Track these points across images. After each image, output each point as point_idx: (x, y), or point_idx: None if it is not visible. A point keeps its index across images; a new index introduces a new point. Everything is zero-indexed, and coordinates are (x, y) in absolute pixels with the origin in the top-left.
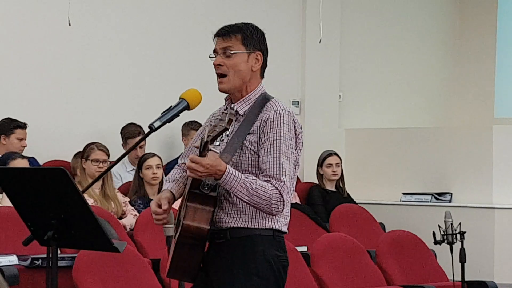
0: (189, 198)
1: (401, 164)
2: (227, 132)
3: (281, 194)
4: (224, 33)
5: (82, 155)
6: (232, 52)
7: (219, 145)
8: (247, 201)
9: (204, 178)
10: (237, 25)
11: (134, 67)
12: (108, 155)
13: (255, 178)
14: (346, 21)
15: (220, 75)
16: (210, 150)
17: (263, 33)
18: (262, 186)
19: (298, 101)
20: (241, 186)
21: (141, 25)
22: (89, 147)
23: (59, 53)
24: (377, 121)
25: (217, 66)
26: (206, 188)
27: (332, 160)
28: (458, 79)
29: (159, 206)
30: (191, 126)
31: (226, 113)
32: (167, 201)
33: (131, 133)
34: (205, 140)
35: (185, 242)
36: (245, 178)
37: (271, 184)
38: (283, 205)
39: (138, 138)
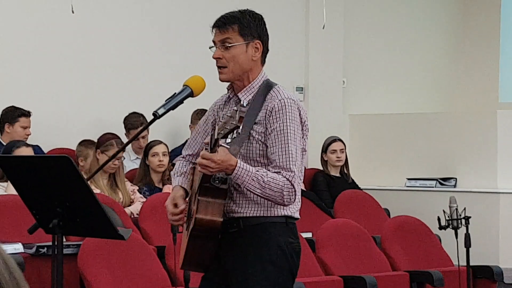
0: (200, 192)
1: (406, 149)
2: (239, 130)
3: (292, 185)
4: (221, 24)
5: (98, 146)
6: (230, 44)
7: (230, 142)
8: (259, 194)
9: (216, 173)
10: (234, 15)
11: (138, 55)
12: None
13: (266, 170)
14: (349, 6)
15: (220, 67)
16: (221, 145)
17: (261, 18)
18: (273, 178)
19: (302, 87)
20: (253, 180)
21: (145, 13)
22: (108, 141)
23: (62, 41)
24: (381, 106)
25: (216, 59)
26: (217, 182)
27: (336, 146)
28: (463, 64)
29: (175, 205)
30: (201, 115)
31: (237, 110)
32: (182, 200)
33: (133, 124)
34: (215, 137)
35: (198, 235)
36: (256, 171)
37: (282, 175)
38: (295, 195)
39: (140, 128)
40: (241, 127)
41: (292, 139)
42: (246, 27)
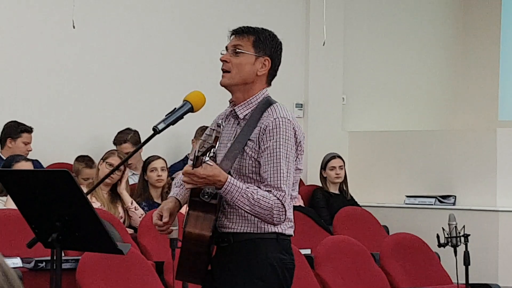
0: (190, 206)
1: (405, 166)
2: (214, 150)
3: (282, 204)
4: (239, 31)
5: (102, 157)
6: (240, 51)
7: (208, 160)
8: (248, 211)
9: (203, 187)
10: (254, 28)
11: (139, 70)
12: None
13: (256, 188)
14: (349, 23)
15: (224, 71)
16: (205, 162)
17: (278, 41)
18: (263, 197)
19: (302, 104)
20: (242, 196)
21: (145, 28)
22: (110, 151)
23: (64, 56)
24: (381, 123)
25: (222, 61)
26: (206, 197)
27: (335, 162)
28: (462, 81)
29: (161, 217)
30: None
31: (214, 130)
32: (168, 213)
33: (118, 140)
34: (196, 154)
35: (189, 248)
36: (247, 188)
37: (273, 194)
38: (285, 215)
39: (125, 145)
40: (234, 140)
41: (284, 158)
42: (261, 41)
